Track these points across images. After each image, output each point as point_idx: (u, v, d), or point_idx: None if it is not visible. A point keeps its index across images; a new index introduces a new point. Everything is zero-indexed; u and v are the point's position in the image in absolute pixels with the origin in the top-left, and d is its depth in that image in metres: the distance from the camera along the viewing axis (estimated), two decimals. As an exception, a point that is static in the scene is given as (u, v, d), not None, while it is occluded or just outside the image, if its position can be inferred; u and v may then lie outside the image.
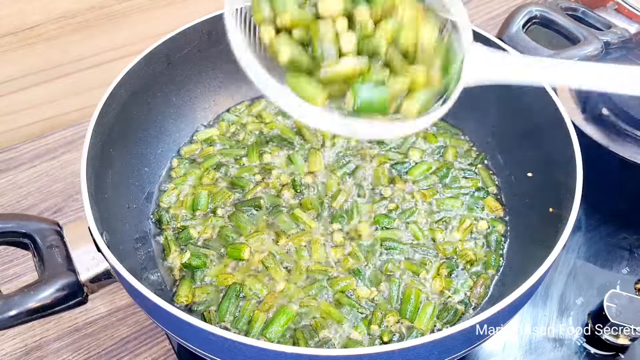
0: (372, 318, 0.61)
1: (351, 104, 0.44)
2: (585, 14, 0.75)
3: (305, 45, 0.45)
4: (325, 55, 0.43)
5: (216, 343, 0.47)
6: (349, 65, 0.43)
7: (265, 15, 0.46)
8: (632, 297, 0.64)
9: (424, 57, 0.46)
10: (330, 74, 0.44)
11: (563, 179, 0.59)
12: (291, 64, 0.44)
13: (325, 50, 0.43)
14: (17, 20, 0.83)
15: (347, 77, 0.44)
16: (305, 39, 0.45)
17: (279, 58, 0.44)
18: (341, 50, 0.44)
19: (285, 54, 0.44)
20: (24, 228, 0.52)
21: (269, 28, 0.46)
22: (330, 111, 0.45)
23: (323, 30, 0.44)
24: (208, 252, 0.67)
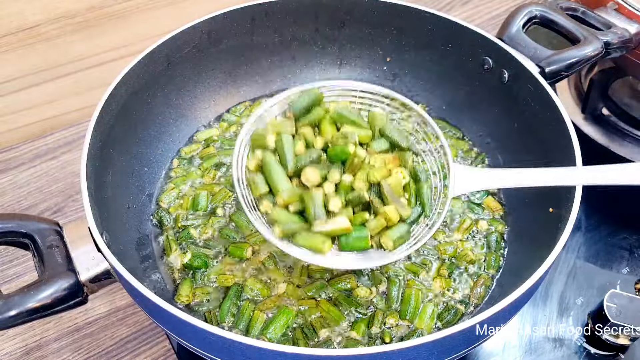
0: (373, 319, 0.61)
1: (340, 246, 0.56)
2: (585, 14, 0.75)
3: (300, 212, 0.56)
4: (317, 217, 0.55)
5: (216, 343, 0.47)
6: (336, 225, 0.55)
7: (262, 192, 0.57)
8: (632, 297, 0.64)
9: (391, 198, 0.56)
10: (324, 231, 0.55)
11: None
12: (285, 235, 0.56)
13: (316, 214, 0.55)
14: (17, 20, 0.83)
15: (336, 232, 0.55)
16: (300, 208, 0.56)
17: (276, 231, 0.56)
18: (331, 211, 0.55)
19: (279, 231, 0.55)
20: (24, 228, 0.51)
21: (266, 202, 0.57)
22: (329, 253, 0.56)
23: (313, 199, 0.55)
24: (209, 252, 0.67)
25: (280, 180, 0.57)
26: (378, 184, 0.57)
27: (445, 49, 0.77)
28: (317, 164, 0.57)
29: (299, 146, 0.58)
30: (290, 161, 0.57)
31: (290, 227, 0.55)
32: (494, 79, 0.72)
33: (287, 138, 0.59)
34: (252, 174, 0.58)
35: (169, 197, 0.72)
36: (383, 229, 0.56)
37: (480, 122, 0.77)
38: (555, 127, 0.62)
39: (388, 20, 0.79)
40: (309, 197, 0.55)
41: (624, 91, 0.88)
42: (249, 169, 0.59)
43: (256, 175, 0.58)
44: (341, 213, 0.55)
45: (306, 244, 0.55)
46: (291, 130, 0.60)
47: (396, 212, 0.56)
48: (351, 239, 0.55)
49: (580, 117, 0.87)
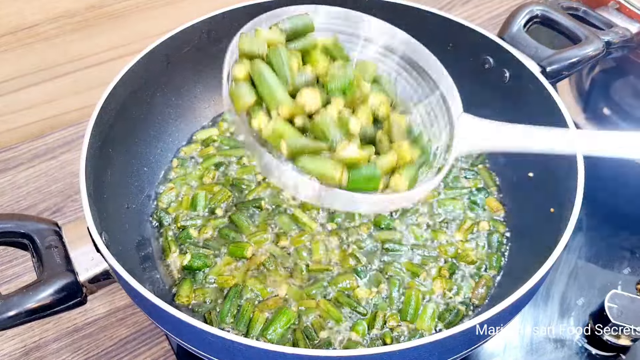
0: (374, 321, 0.61)
1: (345, 182, 0.46)
2: (586, 13, 0.75)
3: (303, 131, 0.47)
4: (336, 140, 0.46)
5: (215, 344, 0.47)
6: (353, 152, 0.46)
7: (250, 103, 0.47)
8: (634, 298, 0.64)
9: (401, 136, 0.49)
10: (342, 158, 0.46)
11: (564, 178, 0.59)
12: (292, 153, 0.46)
13: (334, 135, 0.45)
14: (16, 19, 0.82)
15: (352, 161, 0.46)
16: (305, 125, 0.47)
17: (281, 149, 0.46)
18: (347, 134, 0.46)
19: (285, 147, 0.45)
20: (22, 228, 0.51)
21: (260, 114, 0.47)
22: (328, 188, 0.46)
23: (329, 118, 0.46)
24: (208, 252, 0.66)
25: (278, 89, 0.47)
26: (380, 123, 0.50)
27: (446, 49, 0.76)
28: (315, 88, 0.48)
29: (293, 62, 0.49)
30: (287, 74, 0.48)
31: (298, 144, 0.45)
32: (495, 79, 0.72)
33: (282, 49, 0.49)
34: (239, 82, 0.48)
35: (169, 197, 0.72)
36: (391, 170, 0.48)
37: (480, 122, 0.77)
38: (557, 126, 0.62)
39: (388, 20, 0.78)
40: (324, 112, 0.46)
41: (626, 91, 0.88)
42: (236, 77, 0.48)
43: (245, 83, 0.48)
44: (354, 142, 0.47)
45: (315, 168, 0.45)
46: (283, 43, 0.50)
47: (410, 149, 0.48)
48: (362, 175, 0.46)
49: (581, 117, 0.87)
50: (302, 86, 0.48)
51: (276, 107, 0.46)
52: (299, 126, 0.47)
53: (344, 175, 0.45)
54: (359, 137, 0.48)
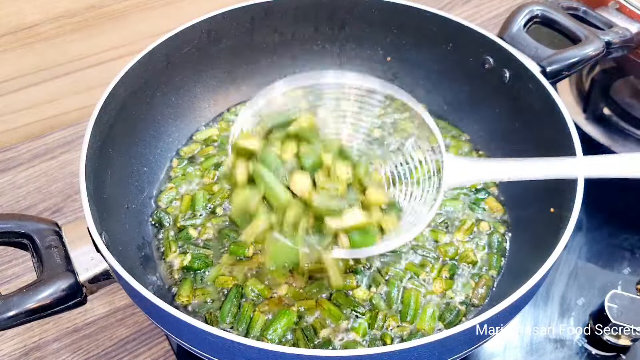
0: (374, 321, 0.61)
1: (347, 245, 0.54)
2: (586, 13, 0.75)
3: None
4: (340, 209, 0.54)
5: (216, 344, 0.47)
6: (357, 219, 0.53)
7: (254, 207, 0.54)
8: (634, 298, 0.64)
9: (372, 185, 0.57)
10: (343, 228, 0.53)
11: (564, 179, 0.59)
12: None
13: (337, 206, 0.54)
14: (16, 19, 0.82)
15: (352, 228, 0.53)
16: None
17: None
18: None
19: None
20: (22, 228, 0.51)
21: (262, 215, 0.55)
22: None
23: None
24: (209, 253, 0.66)
25: (279, 189, 0.54)
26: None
27: (446, 49, 0.76)
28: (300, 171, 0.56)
29: (284, 155, 0.56)
30: (280, 171, 0.55)
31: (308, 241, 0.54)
32: (495, 79, 0.72)
33: (270, 148, 0.56)
34: (239, 189, 0.55)
35: (168, 197, 0.72)
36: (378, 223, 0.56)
37: (481, 122, 0.77)
38: (557, 126, 0.62)
39: (388, 20, 0.78)
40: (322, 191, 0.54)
41: (626, 91, 0.88)
42: (236, 182, 0.55)
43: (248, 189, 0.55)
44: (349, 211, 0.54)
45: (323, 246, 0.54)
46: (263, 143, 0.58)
47: (379, 193, 0.56)
48: (359, 237, 0.54)
49: (581, 117, 0.87)
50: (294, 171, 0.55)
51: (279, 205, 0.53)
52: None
53: (345, 241, 0.53)
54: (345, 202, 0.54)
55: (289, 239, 0.53)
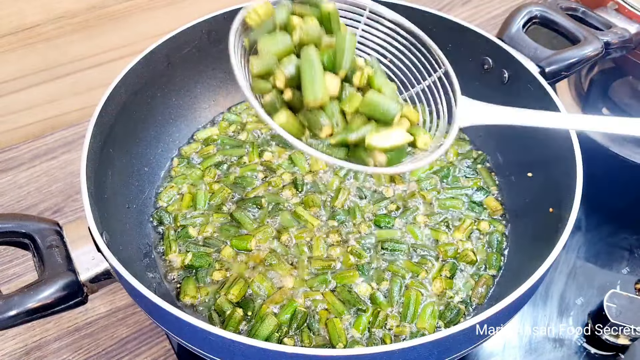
0: (375, 320, 0.61)
1: (384, 163, 0.50)
2: (585, 14, 0.75)
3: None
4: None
5: (216, 343, 0.47)
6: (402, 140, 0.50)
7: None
8: (632, 297, 0.64)
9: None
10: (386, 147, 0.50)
11: (563, 179, 0.59)
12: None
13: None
14: (17, 20, 0.83)
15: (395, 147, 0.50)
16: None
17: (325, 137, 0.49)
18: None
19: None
20: (23, 228, 0.51)
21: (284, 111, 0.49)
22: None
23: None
24: (209, 250, 0.67)
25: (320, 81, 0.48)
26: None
27: (445, 49, 0.76)
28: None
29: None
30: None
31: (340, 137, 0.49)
32: (494, 79, 0.72)
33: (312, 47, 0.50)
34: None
35: (169, 197, 0.72)
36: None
37: (480, 122, 0.77)
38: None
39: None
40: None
41: (624, 91, 0.88)
42: (276, 87, 0.49)
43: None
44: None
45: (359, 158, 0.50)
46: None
47: (413, 112, 0.54)
48: (396, 156, 0.51)
49: (580, 117, 0.87)
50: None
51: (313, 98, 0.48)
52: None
53: (382, 159, 0.49)
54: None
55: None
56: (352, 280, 0.64)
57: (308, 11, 0.53)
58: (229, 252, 0.66)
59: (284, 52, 0.49)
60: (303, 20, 0.52)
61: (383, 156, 0.49)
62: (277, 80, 0.49)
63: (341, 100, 0.50)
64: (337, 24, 0.53)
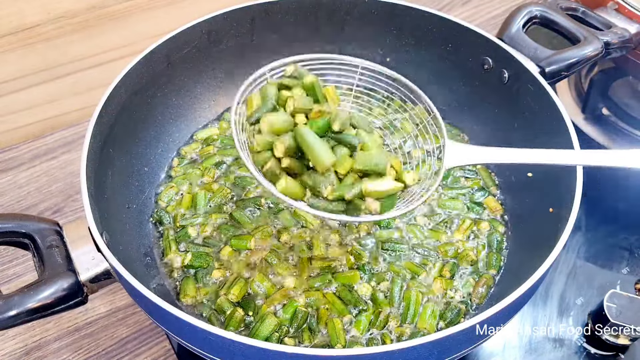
0: (375, 320, 0.61)
1: (378, 210, 0.54)
2: (585, 14, 0.75)
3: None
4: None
5: (216, 343, 0.47)
6: (393, 186, 0.54)
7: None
8: (632, 297, 0.64)
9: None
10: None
11: (563, 179, 0.59)
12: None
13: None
14: (17, 20, 0.83)
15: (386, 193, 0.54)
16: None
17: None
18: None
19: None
20: (23, 228, 0.51)
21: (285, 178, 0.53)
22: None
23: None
24: (209, 250, 0.67)
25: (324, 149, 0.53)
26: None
27: (446, 49, 0.77)
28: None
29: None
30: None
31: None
32: (494, 79, 0.72)
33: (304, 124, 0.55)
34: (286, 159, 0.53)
35: (169, 197, 0.72)
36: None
37: (480, 122, 0.77)
38: (556, 127, 0.62)
39: (388, 20, 0.79)
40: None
41: (624, 91, 0.88)
42: (276, 156, 0.53)
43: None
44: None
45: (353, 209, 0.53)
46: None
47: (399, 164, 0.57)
48: (387, 201, 0.55)
49: (580, 117, 0.87)
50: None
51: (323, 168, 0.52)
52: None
53: (376, 206, 0.53)
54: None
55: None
56: (353, 280, 0.64)
57: (294, 82, 0.58)
58: (228, 252, 0.66)
59: (283, 130, 0.54)
60: (292, 92, 0.57)
61: (377, 204, 0.53)
62: (276, 151, 0.53)
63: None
64: (320, 92, 0.57)
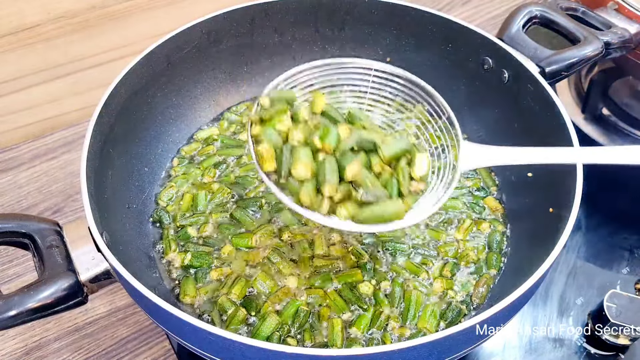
0: (375, 320, 0.61)
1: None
2: (585, 13, 0.75)
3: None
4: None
5: (216, 343, 0.47)
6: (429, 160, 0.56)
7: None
8: (632, 297, 0.64)
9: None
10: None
11: (563, 179, 0.59)
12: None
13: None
14: (17, 20, 0.83)
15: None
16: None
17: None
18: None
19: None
20: (24, 228, 0.51)
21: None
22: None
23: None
24: (209, 249, 0.67)
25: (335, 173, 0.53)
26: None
27: (446, 49, 0.77)
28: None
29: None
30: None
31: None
32: (494, 79, 0.72)
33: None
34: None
35: (169, 196, 0.72)
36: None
37: (480, 122, 0.77)
38: (556, 127, 0.62)
39: (388, 20, 0.79)
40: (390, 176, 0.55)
41: (624, 91, 0.88)
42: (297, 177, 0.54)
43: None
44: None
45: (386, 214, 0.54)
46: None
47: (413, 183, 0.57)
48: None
49: (580, 117, 0.87)
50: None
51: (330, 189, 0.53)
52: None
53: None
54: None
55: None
56: (354, 278, 0.64)
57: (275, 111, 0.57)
58: (229, 251, 0.66)
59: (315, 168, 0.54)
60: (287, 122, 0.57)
61: (423, 183, 0.55)
62: (326, 193, 0.53)
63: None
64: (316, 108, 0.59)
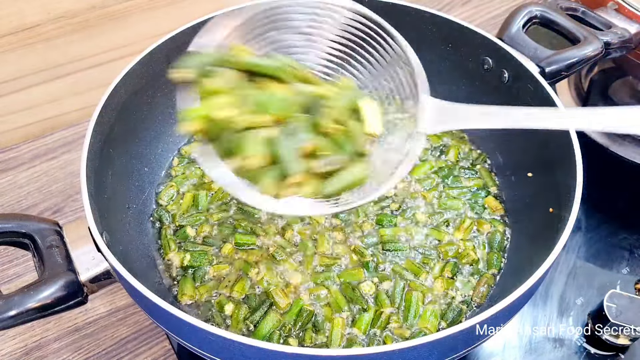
0: (375, 320, 0.61)
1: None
2: (585, 13, 0.75)
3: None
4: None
5: (216, 343, 0.47)
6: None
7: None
8: (632, 297, 0.64)
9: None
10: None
11: (563, 179, 0.59)
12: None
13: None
14: (17, 20, 0.83)
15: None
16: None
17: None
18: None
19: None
20: (23, 228, 0.51)
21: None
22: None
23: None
24: (208, 249, 0.67)
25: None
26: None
27: (445, 49, 0.77)
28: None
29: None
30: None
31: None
32: (494, 79, 0.72)
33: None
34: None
35: (169, 196, 0.72)
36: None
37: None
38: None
39: (388, 20, 0.78)
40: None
41: (624, 91, 0.88)
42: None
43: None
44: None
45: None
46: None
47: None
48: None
49: (580, 117, 0.87)
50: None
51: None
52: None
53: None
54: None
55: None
56: (356, 277, 0.64)
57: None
58: (229, 249, 0.66)
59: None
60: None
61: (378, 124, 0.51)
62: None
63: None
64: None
